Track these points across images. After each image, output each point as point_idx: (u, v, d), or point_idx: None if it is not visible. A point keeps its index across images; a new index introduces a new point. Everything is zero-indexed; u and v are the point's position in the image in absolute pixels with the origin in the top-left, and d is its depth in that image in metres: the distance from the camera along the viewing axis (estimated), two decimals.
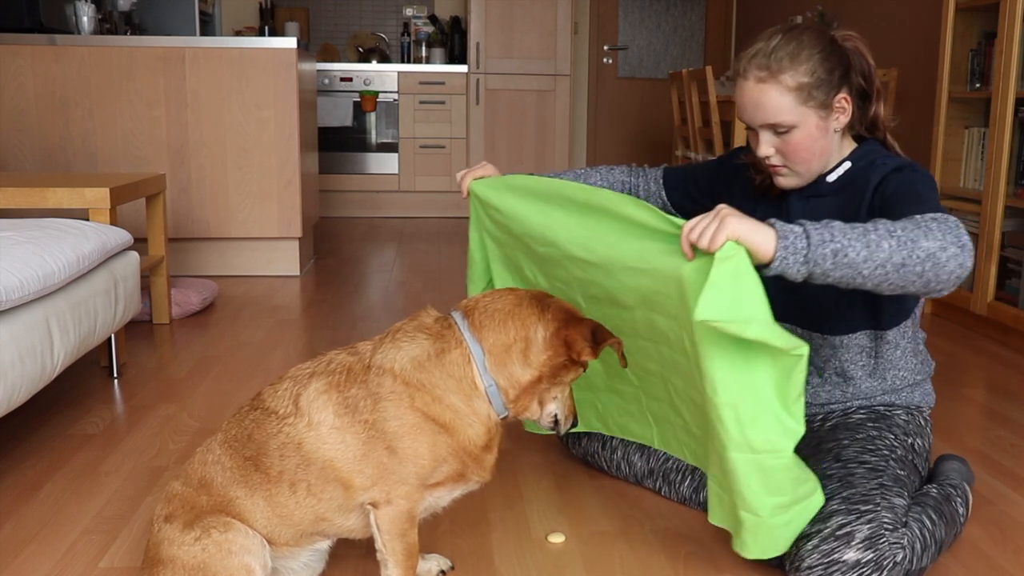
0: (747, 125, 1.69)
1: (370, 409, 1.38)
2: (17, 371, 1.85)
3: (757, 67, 1.61)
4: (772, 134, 1.64)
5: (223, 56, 3.99)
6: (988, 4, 3.21)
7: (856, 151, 1.70)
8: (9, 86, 3.92)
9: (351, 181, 6.47)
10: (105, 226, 2.51)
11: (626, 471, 1.92)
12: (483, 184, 1.89)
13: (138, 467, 2.03)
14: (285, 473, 1.38)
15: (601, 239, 1.60)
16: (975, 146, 3.36)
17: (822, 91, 1.60)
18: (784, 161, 1.66)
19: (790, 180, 1.70)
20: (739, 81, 1.65)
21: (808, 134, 1.62)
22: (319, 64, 6.33)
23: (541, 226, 1.74)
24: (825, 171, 1.70)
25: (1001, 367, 2.90)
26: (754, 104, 1.62)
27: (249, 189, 4.07)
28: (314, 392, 1.40)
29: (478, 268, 2.00)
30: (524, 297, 1.46)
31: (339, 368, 1.42)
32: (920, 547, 1.49)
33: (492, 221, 1.90)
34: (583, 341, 1.42)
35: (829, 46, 1.62)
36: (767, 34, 1.65)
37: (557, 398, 1.49)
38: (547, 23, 6.41)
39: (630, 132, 7.29)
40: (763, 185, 1.80)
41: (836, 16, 5.26)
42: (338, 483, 1.38)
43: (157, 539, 1.39)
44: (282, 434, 1.39)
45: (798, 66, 1.59)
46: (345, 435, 1.37)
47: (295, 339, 3.13)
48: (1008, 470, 2.07)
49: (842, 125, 1.66)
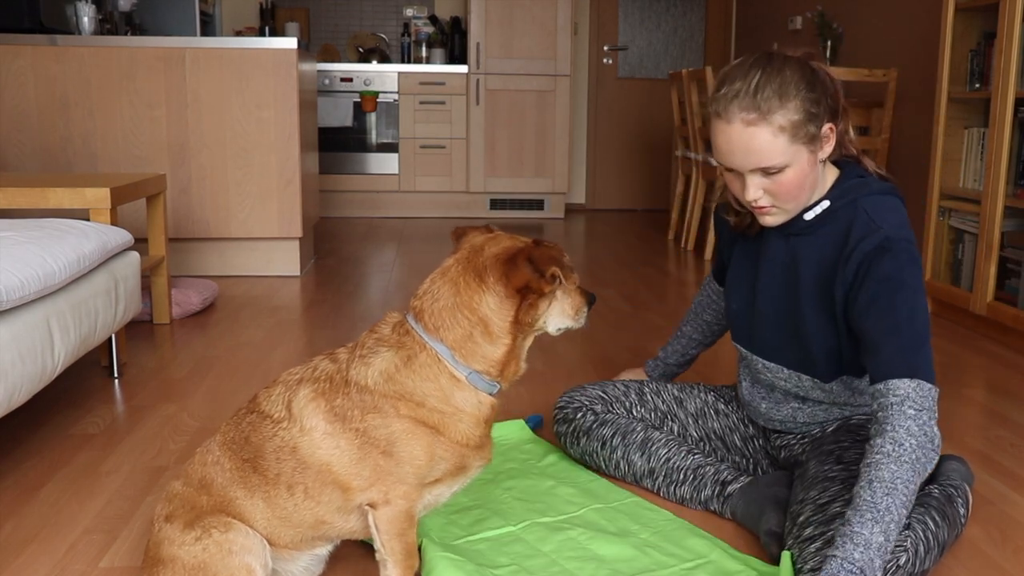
0: (727, 168, 1.59)
1: (359, 419, 1.38)
2: (18, 371, 1.85)
3: (743, 108, 1.51)
4: (761, 176, 1.56)
5: (223, 56, 3.99)
6: (988, 4, 3.21)
7: (835, 188, 1.64)
8: (10, 86, 3.92)
9: (351, 181, 6.48)
10: (106, 226, 2.51)
11: (625, 470, 1.91)
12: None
13: (138, 467, 2.03)
14: (282, 476, 1.38)
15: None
16: (975, 146, 3.36)
17: (813, 125, 1.53)
18: (773, 201, 1.59)
19: (777, 218, 1.63)
20: (719, 124, 1.54)
21: (800, 171, 1.55)
22: (319, 64, 6.34)
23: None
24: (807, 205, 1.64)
25: (1001, 367, 2.90)
26: (744, 149, 1.53)
27: (249, 189, 4.07)
28: (303, 399, 1.40)
29: None
30: (460, 274, 1.41)
31: (323, 376, 1.42)
32: (923, 549, 1.48)
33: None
34: (534, 281, 1.38)
35: (811, 76, 1.54)
36: (742, 69, 1.54)
37: (551, 315, 1.45)
38: (547, 23, 6.41)
39: (630, 132, 7.29)
40: (742, 225, 1.77)
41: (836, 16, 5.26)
42: (335, 486, 1.38)
43: (157, 539, 1.39)
44: (277, 438, 1.39)
45: (787, 103, 1.50)
46: (339, 440, 1.37)
47: (295, 339, 3.13)
48: (1008, 470, 2.07)
49: (827, 155, 1.60)
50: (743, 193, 1.60)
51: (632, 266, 4.69)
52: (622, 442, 1.91)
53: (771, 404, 1.82)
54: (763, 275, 1.73)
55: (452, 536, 1.68)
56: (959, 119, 3.45)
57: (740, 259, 1.82)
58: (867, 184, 1.63)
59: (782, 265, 1.70)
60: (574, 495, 1.85)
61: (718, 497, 1.79)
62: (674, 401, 2.00)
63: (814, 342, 1.66)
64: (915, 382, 1.46)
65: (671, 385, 2.04)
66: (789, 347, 1.72)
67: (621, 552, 1.63)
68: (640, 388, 2.03)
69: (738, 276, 1.82)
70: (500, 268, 1.39)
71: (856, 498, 1.40)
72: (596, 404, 2.00)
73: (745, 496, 1.75)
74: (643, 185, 7.38)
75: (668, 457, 1.86)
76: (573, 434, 1.99)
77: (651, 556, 1.62)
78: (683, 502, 1.84)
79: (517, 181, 6.58)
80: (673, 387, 2.03)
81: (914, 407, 1.44)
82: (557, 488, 1.89)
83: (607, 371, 2.76)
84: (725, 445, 1.95)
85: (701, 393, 2.02)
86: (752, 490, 1.75)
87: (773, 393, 1.82)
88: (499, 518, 1.76)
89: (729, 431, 1.95)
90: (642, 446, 1.89)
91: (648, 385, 2.04)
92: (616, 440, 1.92)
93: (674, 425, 1.98)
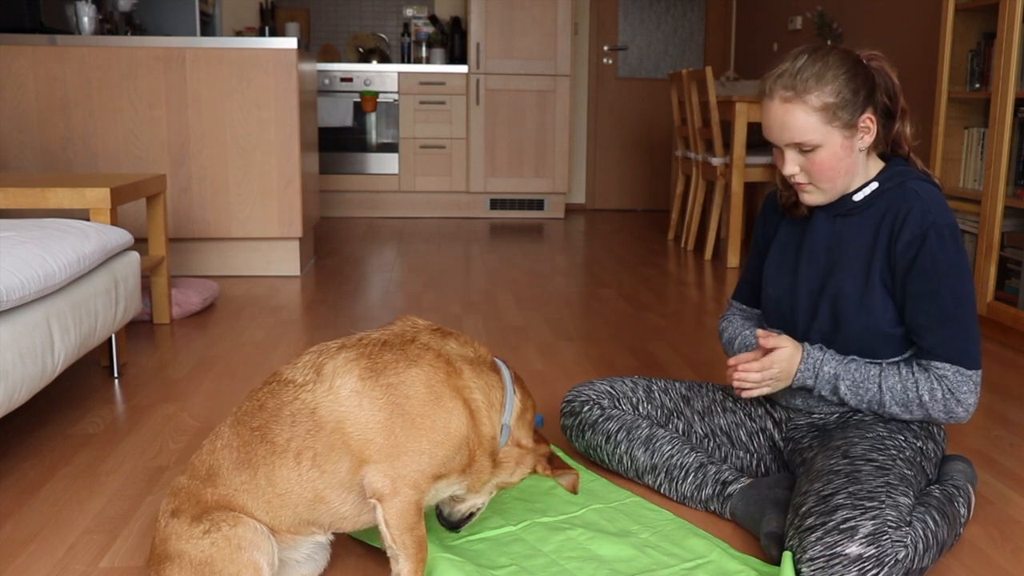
0: (772, 143, 1.72)
1: (398, 371, 1.41)
2: (18, 371, 1.85)
3: (783, 87, 1.65)
4: (797, 152, 1.69)
5: (224, 56, 3.99)
6: (988, 4, 3.21)
7: (883, 172, 1.73)
8: (10, 86, 3.92)
9: (351, 181, 6.48)
10: (106, 226, 2.51)
11: (627, 465, 1.92)
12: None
13: (138, 467, 2.03)
14: (293, 440, 1.38)
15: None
16: (975, 146, 3.36)
17: (847, 111, 1.64)
18: (809, 179, 1.71)
19: (815, 197, 1.74)
20: (765, 101, 1.69)
21: (833, 153, 1.66)
22: (319, 64, 6.34)
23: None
24: (851, 190, 1.74)
25: (1001, 367, 2.90)
26: (780, 124, 1.67)
27: (249, 189, 4.08)
28: (342, 360, 1.42)
29: None
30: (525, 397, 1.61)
31: (373, 342, 1.46)
32: (923, 547, 1.49)
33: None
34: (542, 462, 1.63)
35: (854, 67, 1.66)
36: (793, 54, 1.69)
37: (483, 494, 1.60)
38: (547, 23, 6.41)
39: (630, 132, 7.29)
40: (789, 202, 1.85)
41: (836, 16, 5.26)
42: (345, 451, 1.38)
43: (164, 534, 1.38)
44: (298, 400, 1.40)
45: (824, 86, 1.63)
46: (363, 399, 1.39)
47: (295, 339, 3.13)
48: (1008, 470, 2.07)
49: (867, 144, 1.70)
50: (783, 167, 1.72)
51: (632, 266, 4.69)
52: (626, 437, 1.93)
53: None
54: (804, 259, 1.80)
55: (452, 536, 1.68)
56: (959, 119, 3.45)
57: (783, 244, 1.87)
58: (913, 171, 1.73)
59: (825, 249, 1.77)
60: (574, 495, 1.85)
61: (718, 497, 1.79)
62: (681, 399, 2.02)
63: (854, 322, 1.72)
64: (955, 368, 1.65)
65: (679, 383, 2.06)
66: (826, 330, 1.76)
67: (621, 552, 1.63)
68: (648, 385, 2.05)
69: (778, 262, 1.87)
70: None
71: (863, 360, 1.72)
72: (603, 399, 2.02)
73: (745, 497, 1.75)
74: (643, 185, 7.38)
75: (671, 454, 1.87)
76: (578, 427, 2.01)
77: (651, 556, 1.62)
78: (684, 500, 1.85)
79: (517, 181, 6.58)
80: (682, 385, 2.05)
81: (947, 386, 1.66)
82: (557, 488, 1.89)
83: (607, 371, 2.77)
84: (731, 440, 1.95)
85: (709, 392, 2.03)
86: (753, 491, 1.75)
87: None
88: (499, 518, 1.76)
89: (735, 427, 1.96)
90: (646, 442, 1.90)
91: (657, 383, 2.06)
92: (620, 435, 1.93)
93: (679, 423, 1.99)
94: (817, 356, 1.74)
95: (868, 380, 1.70)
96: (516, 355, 2.95)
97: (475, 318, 3.47)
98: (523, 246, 5.34)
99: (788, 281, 1.83)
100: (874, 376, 1.70)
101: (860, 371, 1.71)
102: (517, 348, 3.04)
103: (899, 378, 1.69)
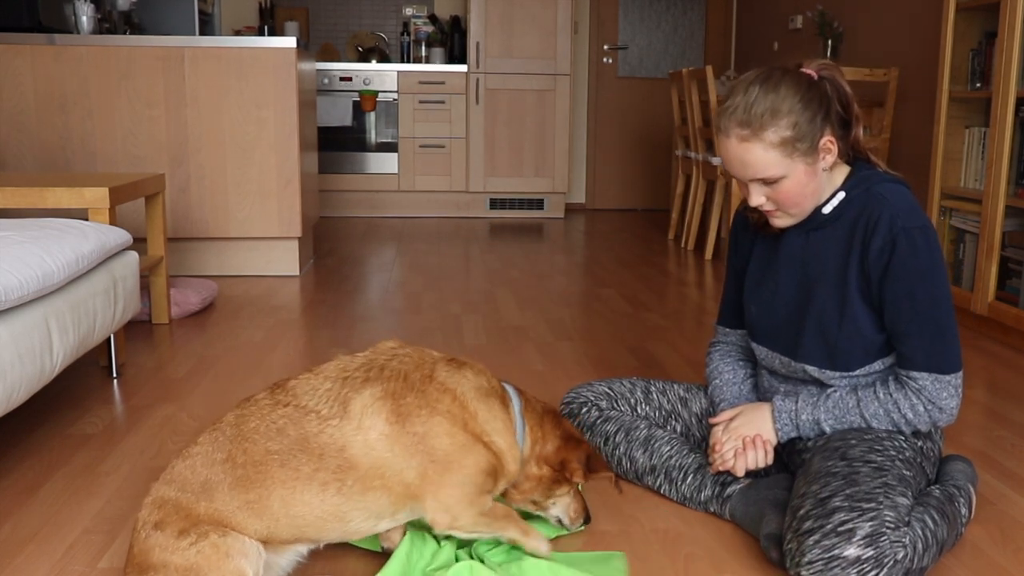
0: (734, 177, 1.69)
1: (423, 420, 1.42)
2: (16, 371, 1.85)
3: (738, 124, 1.60)
4: (761, 184, 1.65)
5: (223, 56, 3.98)
6: (988, 4, 3.21)
7: (849, 179, 1.70)
8: (8, 86, 3.92)
9: (351, 181, 6.47)
10: (104, 226, 2.51)
11: (627, 466, 1.91)
12: None
13: (137, 467, 2.02)
14: (320, 472, 1.38)
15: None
16: (975, 146, 3.36)
17: (806, 141, 1.60)
18: (777, 207, 1.68)
19: (784, 220, 1.72)
20: (720, 138, 1.65)
21: (797, 181, 1.63)
22: (319, 64, 6.33)
23: None
24: (819, 203, 1.71)
25: (1001, 367, 2.90)
26: (740, 161, 1.63)
27: (249, 189, 4.07)
28: (369, 397, 1.42)
29: None
30: (541, 414, 1.65)
31: (395, 375, 1.46)
32: (922, 547, 1.49)
33: None
34: (577, 468, 1.61)
35: (807, 91, 1.61)
36: (743, 84, 1.63)
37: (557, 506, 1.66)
38: (547, 23, 6.40)
39: (630, 132, 7.29)
40: (759, 223, 1.82)
41: (837, 15, 5.26)
42: (384, 491, 1.41)
43: (146, 546, 1.35)
44: (324, 435, 1.39)
45: (779, 120, 1.58)
46: (395, 445, 1.41)
47: (295, 339, 3.13)
48: (1008, 470, 2.07)
49: (830, 164, 1.66)
50: (749, 199, 1.69)
51: (632, 266, 4.69)
52: (625, 438, 1.92)
53: (790, 390, 1.82)
54: (782, 274, 1.78)
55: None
56: (960, 119, 3.45)
57: (759, 261, 1.85)
58: (878, 174, 1.71)
59: (800, 262, 1.75)
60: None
61: (717, 498, 1.79)
62: (679, 401, 2.01)
63: (839, 334, 1.69)
64: (932, 376, 1.63)
65: (677, 385, 2.05)
66: (813, 343, 1.73)
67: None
68: (647, 386, 2.04)
69: (758, 279, 1.84)
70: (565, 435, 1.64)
71: (838, 393, 1.71)
72: (601, 400, 2.01)
73: (745, 498, 1.75)
74: (643, 185, 7.38)
75: (670, 455, 1.86)
76: (577, 429, 1.99)
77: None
78: (684, 501, 1.84)
79: (517, 181, 6.58)
80: (680, 387, 2.04)
81: (927, 398, 1.64)
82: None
83: (607, 371, 2.76)
84: None
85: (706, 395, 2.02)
86: (752, 492, 1.75)
87: (796, 386, 1.81)
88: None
89: None
90: (645, 443, 1.90)
91: (655, 384, 2.05)
92: (619, 436, 1.93)
93: (677, 424, 1.99)
94: (789, 408, 1.74)
95: (849, 413, 1.69)
96: (516, 355, 2.94)
97: (475, 318, 3.46)
98: (523, 246, 5.34)
99: (769, 297, 1.81)
100: (853, 408, 1.69)
101: (839, 406, 1.70)
102: (517, 348, 3.03)
103: (878, 404, 1.67)
